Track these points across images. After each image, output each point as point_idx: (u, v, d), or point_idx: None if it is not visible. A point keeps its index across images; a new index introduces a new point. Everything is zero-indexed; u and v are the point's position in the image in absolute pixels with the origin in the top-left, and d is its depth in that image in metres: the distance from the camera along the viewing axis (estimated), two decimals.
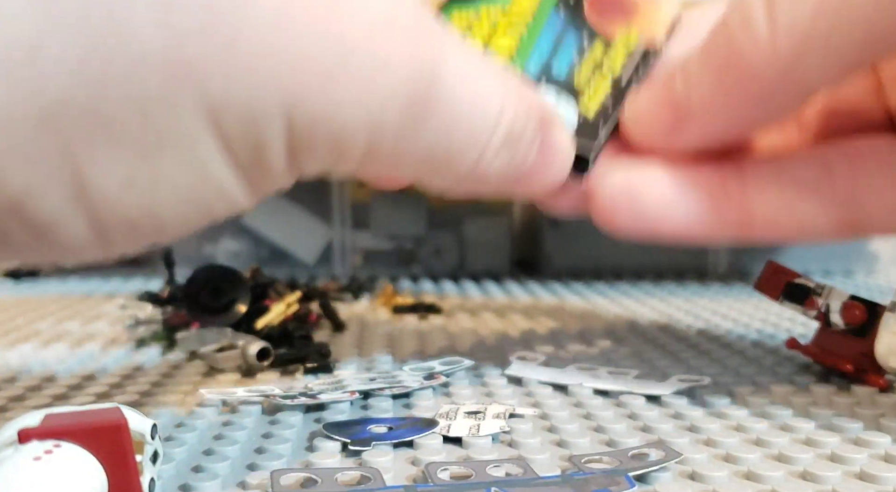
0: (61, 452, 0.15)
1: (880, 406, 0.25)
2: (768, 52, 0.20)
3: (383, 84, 0.17)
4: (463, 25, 0.27)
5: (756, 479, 0.20)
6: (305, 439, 0.23)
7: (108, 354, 0.35)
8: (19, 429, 0.16)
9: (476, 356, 0.33)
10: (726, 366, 0.31)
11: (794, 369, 0.31)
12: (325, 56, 0.16)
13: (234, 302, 0.35)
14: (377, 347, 0.36)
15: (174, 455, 0.21)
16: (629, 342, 0.36)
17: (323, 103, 0.16)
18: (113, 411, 0.17)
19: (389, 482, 0.19)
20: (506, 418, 0.24)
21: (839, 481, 0.19)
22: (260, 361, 0.31)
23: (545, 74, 0.26)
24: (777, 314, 0.44)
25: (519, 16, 0.27)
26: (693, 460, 0.21)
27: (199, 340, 0.33)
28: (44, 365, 0.33)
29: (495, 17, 0.27)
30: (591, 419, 0.24)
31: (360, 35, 0.16)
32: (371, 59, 0.16)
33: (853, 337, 0.28)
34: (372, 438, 0.22)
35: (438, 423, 0.23)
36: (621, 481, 0.18)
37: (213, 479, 0.20)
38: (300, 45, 0.16)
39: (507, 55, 0.26)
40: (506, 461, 0.20)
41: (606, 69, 0.25)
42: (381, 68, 0.17)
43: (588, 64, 0.26)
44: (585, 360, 0.32)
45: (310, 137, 0.17)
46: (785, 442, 0.22)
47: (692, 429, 0.23)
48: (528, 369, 0.30)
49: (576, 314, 0.44)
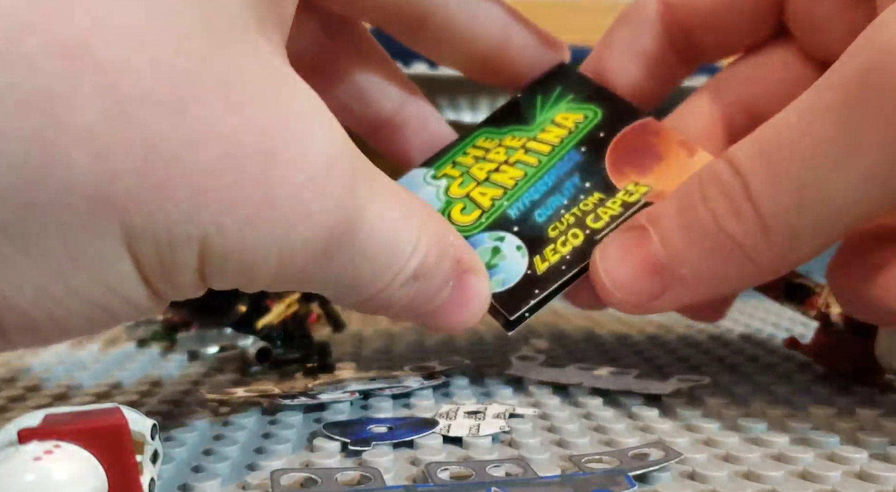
0: (61, 452, 0.15)
1: (880, 406, 0.25)
2: (764, 245, 0.21)
3: (302, 232, 0.17)
4: (480, 153, 0.28)
5: (756, 479, 0.20)
6: (305, 439, 0.23)
7: (108, 354, 0.35)
8: (19, 429, 0.16)
9: (476, 356, 0.33)
10: (726, 365, 0.31)
11: (794, 369, 0.31)
12: (249, 205, 0.16)
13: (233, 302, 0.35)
14: (377, 347, 0.36)
15: (174, 455, 0.21)
16: (629, 342, 0.36)
17: (239, 242, 0.17)
18: (113, 411, 0.17)
19: (389, 482, 0.19)
20: (506, 418, 0.24)
21: (839, 481, 0.19)
22: (260, 362, 0.31)
23: (525, 217, 0.26)
24: (777, 314, 0.44)
25: (538, 148, 0.27)
26: (693, 459, 0.21)
27: (198, 340, 0.33)
28: (44, 365, 0.33)
29: (517, 145, 0.28)
30: (592, 419, 0.24)
31: (289, 188, 0.17)
32: (294, 211, 0.17)
33: (853, 337, 0.28)
34: (372, 438, 0.22)
35: (438, 423, 0.23)
36: (621, 480, 0.18)
37: (213, 479, 0.20)
38: (228, 194, 0.16)
39: (503, 189, 0.27)
40: (506, 461, 0.20)
41: (591, 220, 0.25)
42: (302, 219, 0.17)
43: (574, 214, 0.26)
44: (585, 360, 0.32)
45: (221, 265, 0.17)
46: (785, 442, 0.22)
47: (692, 429, 0.23)
48: (528, 368, 0.30)
49: (576, 314, 0.44)
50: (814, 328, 0.31)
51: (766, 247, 0.21)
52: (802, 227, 0.20)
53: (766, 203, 0.20)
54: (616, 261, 0.24)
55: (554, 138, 0.27)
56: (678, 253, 0.22)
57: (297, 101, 0.17)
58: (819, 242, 0.21)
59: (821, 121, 0.19)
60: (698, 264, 0.22)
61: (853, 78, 0.19)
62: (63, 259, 0.16)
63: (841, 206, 0.20)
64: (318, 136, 0.17)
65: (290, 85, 0.18)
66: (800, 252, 0.21)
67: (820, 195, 0.20)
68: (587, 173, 0.26)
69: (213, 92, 0.16)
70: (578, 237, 0.25)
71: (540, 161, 0.27)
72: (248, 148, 0.16)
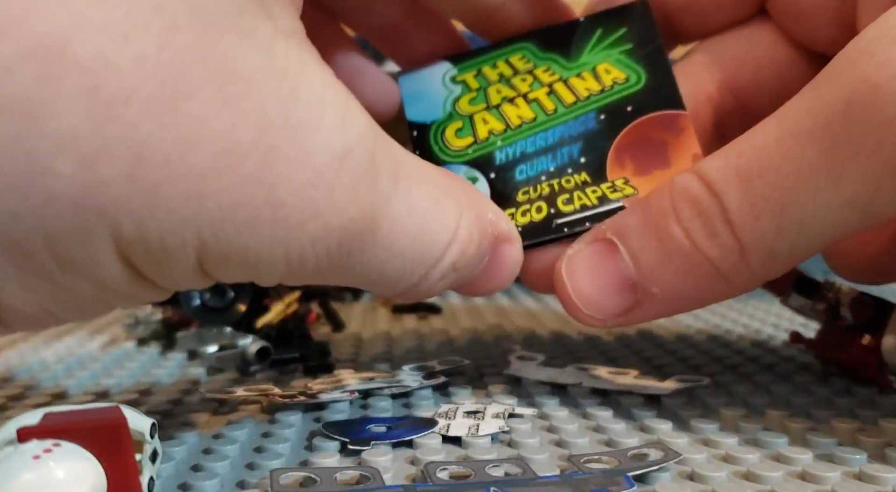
0: (60, 450, 0.15)
1: (880, 407, 0.25)
2: (740, 266, 0.21)
3: (311, 231, 0.16)
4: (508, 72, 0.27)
5: (755, 479, 0.20)
6: (305, 439, 0.23)
7: (108, 353, 0.35)
8: (18, 427, 0.16)
9: (475, 356, 0.33)
10: (726, 366, 0.31)
11: (793, 370, 0.31)
12: (250, 207, 0.15)
13: (233, 301, 0.35)
14: (376, 347, 0.36)
15: (173, 454, 0.21)
16: (628, 342, 0.36)
17: (240, 245, 0.16)
18: (112, 409, 0.17)
19: (388, 482, 0.19)
20: (505, 418, 0.24)
21: (838, 482, 0.19)
22: (259, 361, 0.31)
23: (507, 167, 0.25)
24: (777, 314, 0.44)
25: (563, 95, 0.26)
26: (692, 460, 0.21)
27: (198, 339, 0.33)
28: (43, 364, 0.33)
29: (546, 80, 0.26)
30: (590, 419, 0.24)
31: (294, 187, 0.16)
32: (300, 211, 0.16)
33: (860, 332, 0.28)
34: (371, 437, 0.22)
35: (438, 422, 0.23)
36: (620, 480, 0.18)
37: (213, 478, 0.20)
38: (227, 197, 0.15)
39: (505, 125, 0.25)
40: (505, 461, 0.20)
41: (562, 201, 0.24)
42: (310, 219, 0.16)
43: (552, 186, 0.25)
44: (584, 360, 0.32)
45: (223, 265, 0.16)
46: (784, 442, 0.22)
47: (691, 429, 0.23)
48: (527, 368, 0.30)
49: None
50: (813, 330, 0.31)
51: (742, 267, 0.21)
52: (780, 249, 0.20)
53: (743, 226, 0.20)
54: (583, 277, 0.23)
55: (583, 91, 0.26)
56: (649, 271, 0.22)
57: (301, 90, 0.16)
58: (795, 260, 0.21)
59: (801, 148, 0.19)
60: (671, 282, 0.22)
61: (836, 107, 0.19)
62: (49, 264, 0.15)
63: (819, 229, 0.20)
64: (325, 128, 0.16)
65: (294, 72, 0.16)
66: (774, 270, 0.21)
67: (799, 218, 0.20)
68: (589, 147, 0.25)
69: (205, 86, 0.15)
70: (542, 212, 0.24)
71: (556, 111, 0.25)
72: (245, 145, 0.15)
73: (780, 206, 0.20)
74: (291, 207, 0.16)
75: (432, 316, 0.44)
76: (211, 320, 0.34)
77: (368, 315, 0.45)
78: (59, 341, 0.38)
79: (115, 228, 0.15)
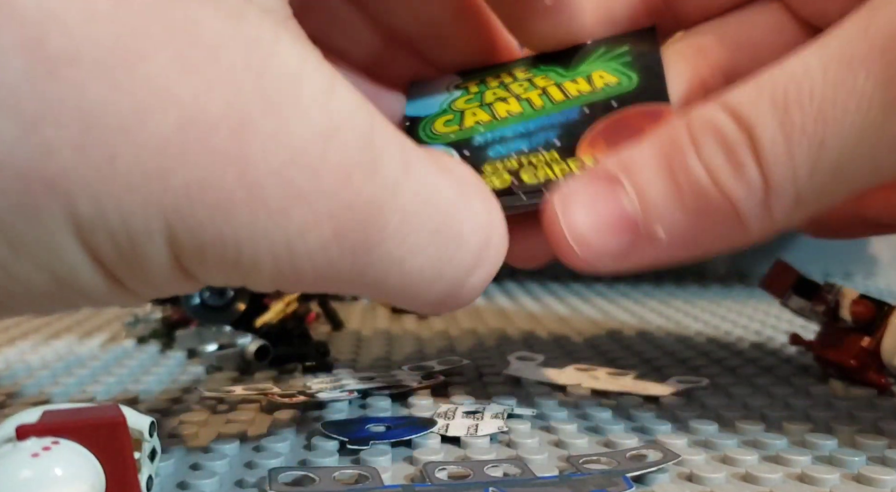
0: (59, 448, 0.15)
1: (879, 409, 0.25)
2: (761, 209, 0.19)
3: (297, 219, 0.15)
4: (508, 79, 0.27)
5: (754, 481, 0.20)
6: (303, 438, 0.23)
7: (107, 351, 0.35)
8: (17, 425, 0.16)
9: (475, 356, 0.33)
10: (725, 367, 0.31)
11: (793, 372, 0.31)
12: (221, 187, 0.14)
13: (233, 300, 0.35)
14: (376, 347, 0.36)
15: (172, 453, 0.21)
16: (628, 343, 0.36)
17: (214, 233, 0.14)
18: (111, 408, 0.17)
19: (387, 482, 0.19)
20: (504, 418, 0.24)
21: (837, 484, 0.19)
22: (258, 360, 0.31)
23: (483, 146, 0.25)
24: (776, 316, 0.44)
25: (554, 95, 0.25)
26: (691, 461, 0.21)
27: (197, 338, 0.33)
28: (42, 362, 0.33)
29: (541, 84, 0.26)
30: (589, 420, 0.24)
31: (271, 166, 0.14)
32: (280, 195, 0.14)
33: (859, 334, 0.28)
34: (370, 437, 0.22)
35: (437, 422, 0.23)
36: (619, 481, 0.18)
37: (211, 477, 0.20)
38: (194, 173, 0.14)
39: (492, 117, 0.25)
40: (504, 461, 0.20)
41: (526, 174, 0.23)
42: (293, 204, 0.15)
43: (520, 162, 0.24)
44: (584, 360, 0.32)
45: (199, 260, 0.15)
46: (783, 444, 0.22)
47: (690, 430, 0.23)
48: (526, 369, 0.30)
49: (575, 315, 0.44)
50: (813, 331, 0.31)
51: (762, 210, 0.19)
52: (807, 192, 0.18)
53: (775, 161, 0.18)
54: (578, 212, 0.20)
55: (574, 92, 0.25)
56: (657, 210, 0.19)
57: (275, 61, 0.14)
58: (814, 209, 0.19)
59: (854, 75, 0.17)
60: (680, 224, 0.19)
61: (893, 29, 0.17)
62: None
63: (855, 173, 0.18)
64: (304, 103, 0.15)
65: (267, 43, 0.15)
66: (794, 219, 0.19)
67: (837, 158, 0.17)
68: (567, 133, 0.24)
69: (165, 49, 0.13)
70: (504, 182, 0.23)
71: (544, 106, 0.25)
72: (213, 116, 0.14)
73: (818, 141, 0.17)
74: (270, 188, 0.14)
75: (432, 316, 0.44)
76: (210, 319, 0.34)
77: (368, 315, 0.45)
78: (58, 339, 0.38)
79: (69, 205, 0.13)
